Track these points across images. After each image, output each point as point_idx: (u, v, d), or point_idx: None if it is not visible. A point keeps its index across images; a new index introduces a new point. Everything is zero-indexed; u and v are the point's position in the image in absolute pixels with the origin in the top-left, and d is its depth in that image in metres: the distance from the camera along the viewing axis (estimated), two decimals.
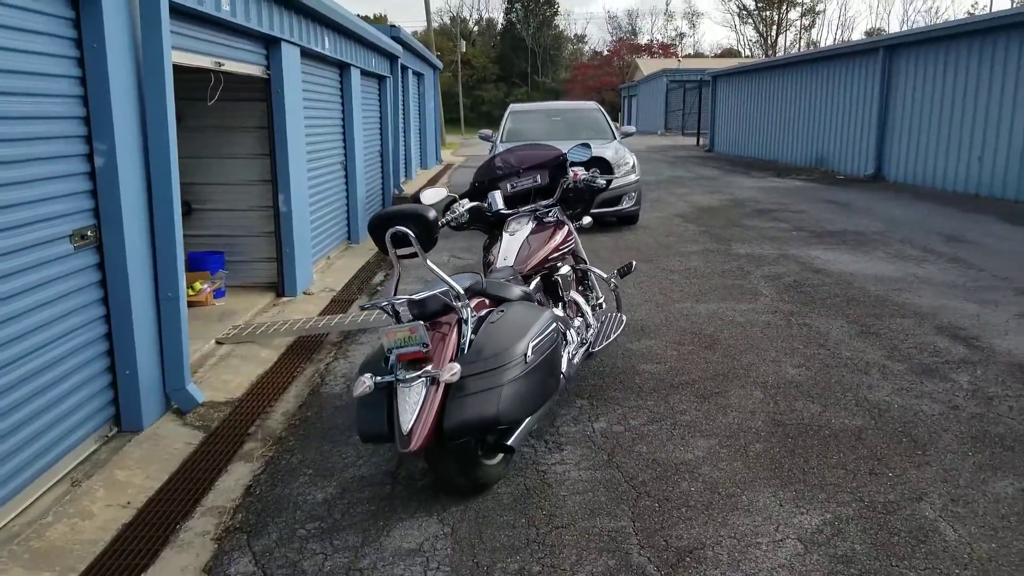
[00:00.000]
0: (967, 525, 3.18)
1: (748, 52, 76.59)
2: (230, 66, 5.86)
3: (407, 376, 3.14)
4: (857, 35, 73.21)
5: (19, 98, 3.41)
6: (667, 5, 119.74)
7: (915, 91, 16.25)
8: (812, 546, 3.05)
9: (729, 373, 4.96)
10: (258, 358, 5.63)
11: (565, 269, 4.66)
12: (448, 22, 77.61)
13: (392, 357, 3.21)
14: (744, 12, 79.49)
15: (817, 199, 13.96)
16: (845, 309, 6.40)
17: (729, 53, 74.69)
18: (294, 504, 3.51)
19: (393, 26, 15.79)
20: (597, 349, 4.61)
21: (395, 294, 3.38)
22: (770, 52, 73.10)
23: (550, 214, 4.73)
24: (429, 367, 3.17)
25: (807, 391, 4.64)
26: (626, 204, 10.48)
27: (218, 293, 6.88)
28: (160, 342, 4.45)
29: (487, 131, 12.60)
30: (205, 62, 5.39)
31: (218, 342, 5.81)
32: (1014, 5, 36.79)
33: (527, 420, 3.45)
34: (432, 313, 3.40)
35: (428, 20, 41.37)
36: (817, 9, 78.89)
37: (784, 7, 78.26)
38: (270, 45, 6.75)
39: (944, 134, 15.13)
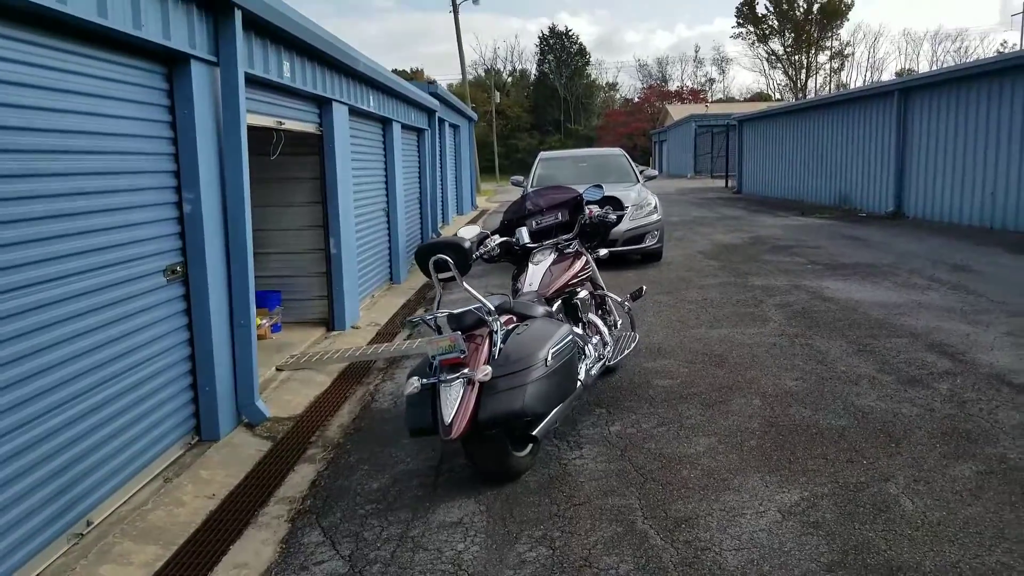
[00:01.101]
0: (924, 499, 3.74)
1: (778, 96, 77.35)
2: (289, 124, 6.68)
3: (448, 377, 3.81)
4: (887, 76, 73.79)
5: (124, 156, 4.18)
6: (696, 52, 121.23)
7: (930, 131, 16.79)
8: (789, 516, 3.63)
9: (733, 386, 5.55)
10: (314, 382, 6.33)
11: (583, 293, 5.33)
12: (483, 74, 79.53)
13: (435, 363, 3.88)
14: (773, 57, 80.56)
15: (836, 235, 14.49)
16: (846, 331, 6.95)
17: (759, 97, 75.55)
18: (353, 492, 4.17)
19: (431, 83, 16.76)
20: (613, 363, 5.26)
21: (437, 311, 4.06)
22: (800, 95, 73.83)
23: (570, 247, 5.41)
24: (466, 370, 3.83)
25: (801, 399, 5.21)
26: (649, 242, 11.14)
27: (275, 328, 7.62)
28: (233, 363, 5.17)
29: (519, 177, 13.39)
30: (269, 122, 6.20)
31: (278, 369, 6.52)
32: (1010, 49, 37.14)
33: (549, 415, 4.08)
34: (468, 326, 4.07)
35: (463, 74, 42.80)
36: (845, 52, 79.85)
37: (812, 51, 79.22)
38: (322, 105, 7.58)
39: (959, 171, 15.62)
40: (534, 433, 4.01)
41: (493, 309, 4.12)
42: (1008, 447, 4.31)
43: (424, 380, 3.85)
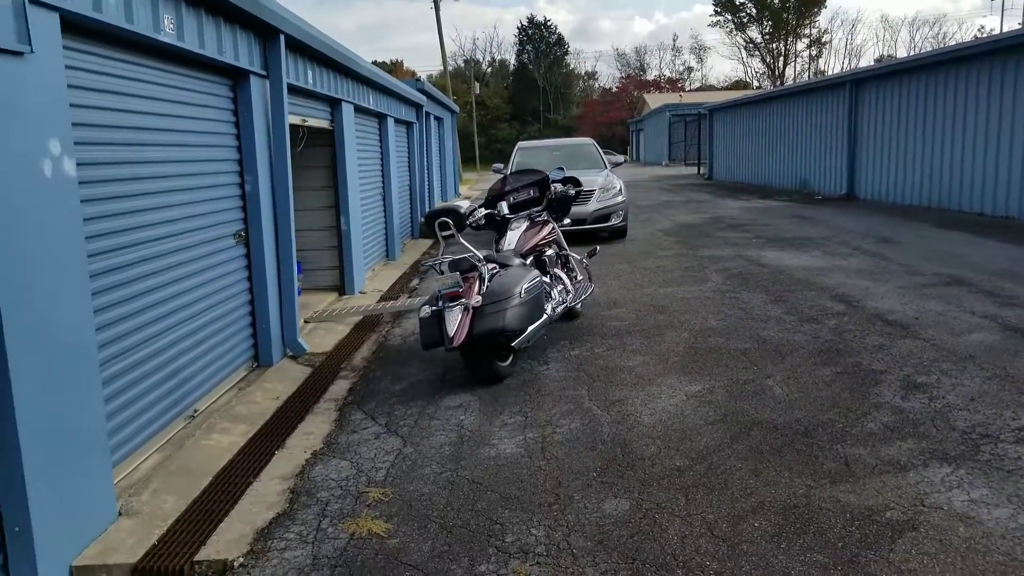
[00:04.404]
0: (790, 387, 5.29)
1: (757, 83, 78.96)
2: (311, 122, 8.15)
3: (450, 305, 5.33)
4: (865, 62, 75.49)
5: (207, 148, 5.64)
6: (674, 41, 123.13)
7: (877, 119, 18.44)
8: (691, 397, 5.18)
9: (669, 325, 7.10)
10: (336, 330, 7.82)
11: (550, 252, 6.87)
12: (462, 65, 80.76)
13: (441, 295, 5.40)
14: (751, 45, 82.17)
15: (787, 215, 16.10)
16: (769, 288, 8.52)
17: (738, 85, 77.14)
18: (381, 392, 5.69)
19: (418, 79, 18.20)
20: (575, 305, 6.80)
21: (440, 257, 5.56)
22: (778, 83, 75.41)
23: (540, 216, 6.93)
24: (463, 299, 5.35)
25: (719, 332, 6.77)
26: (615, 221, 12.70)
27: (297, 292, 9.08)
28: (280, 308, 6.65)
29: (499, 164, 14.86)
30: (297, 120, 7.67)
31: (306, 321, 8.01)
32: (997, 32, 38.86)
33: (524, 333, 5.59)
34: (464, 269, 5.60)
35: (444, 66, 44.21)
36: (823, 40, 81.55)
37: (791, 38, 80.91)
38: (334, 104, 9.04)
39: (902, 156, 17.27)
40: (513, 344, 5.53)
41: (482, 257, 5.64)
42: (864, 358, 5.87)
43: (433, 307, 5.38)
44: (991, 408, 4.69)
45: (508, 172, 13.62)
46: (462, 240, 5.66)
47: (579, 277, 7.32)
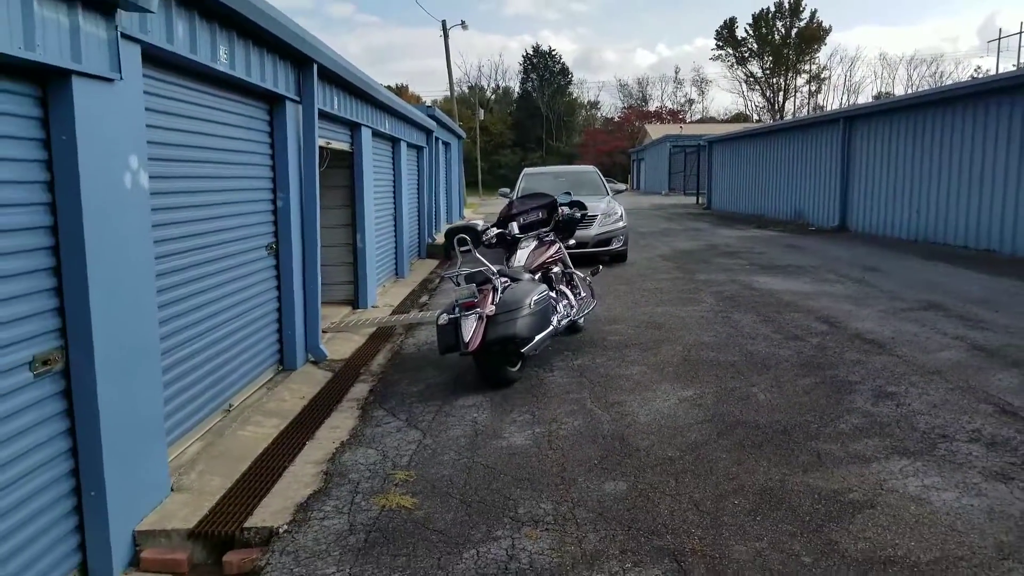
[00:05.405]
0: (773, 394, 5.82)
1: (757, 117, 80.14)
2: (334, 144, 8.73)
3: (466, 313, 5.87)
4: (864, 99, 76.63)
5: (246, 167, 6.20)
6: (676, 73, 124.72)
7: (868, 155, 19.10)
8: (683, 400, 5.70)
9: (665, 340, 7.64)
10: (352, 340, 8.35)
11: (557, 269, 7.42)
12: (467, 91, 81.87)
13: (457, 304, 5.94)
14: (751, 79, 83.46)
15: (780, 244, 16.70)
16: (759, 309, 9.07)
17: (738, 118, 78.27)
18: (400, 393, 6.20)
19: (429, 106, 18.89)
20: (578, 319, 7.34)
21: (458, 270, 6.11)
22: (777, 116, 76.57)
23: (547, 237, 7.49)
24: (478, 308, 5.89)
25: (711, 347, 7.30)
26: (615, 245, 13.28)
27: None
28: (305, 316, 7.18)
29: (506, 189, 15.51)
30: (322, 143, 8.24)
31: (323, 331, 8.53)
32: (993, 73, 39.82)
33: (533, 340, 6.12)
34: (479, 281, 6.14)
35: (452, 93, 45.02)
36: (822, 76, 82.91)
37: (790, 74, 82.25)
38: (353, 128, 9.64)
39: (890, 191, 17.91)
40: (523, 351, 6.06)
41: (495, 271, 6.19)
42: (841, 371, 6.40)
43: (450, 315, 5.92)
44: (951, 414, 5.22)
45: (514, 196, 14.34)
46: (478, 255, 6.24)
47: (582, 293, 7.86)
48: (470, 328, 5.82)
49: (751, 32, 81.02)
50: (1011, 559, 3.37)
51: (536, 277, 7.04)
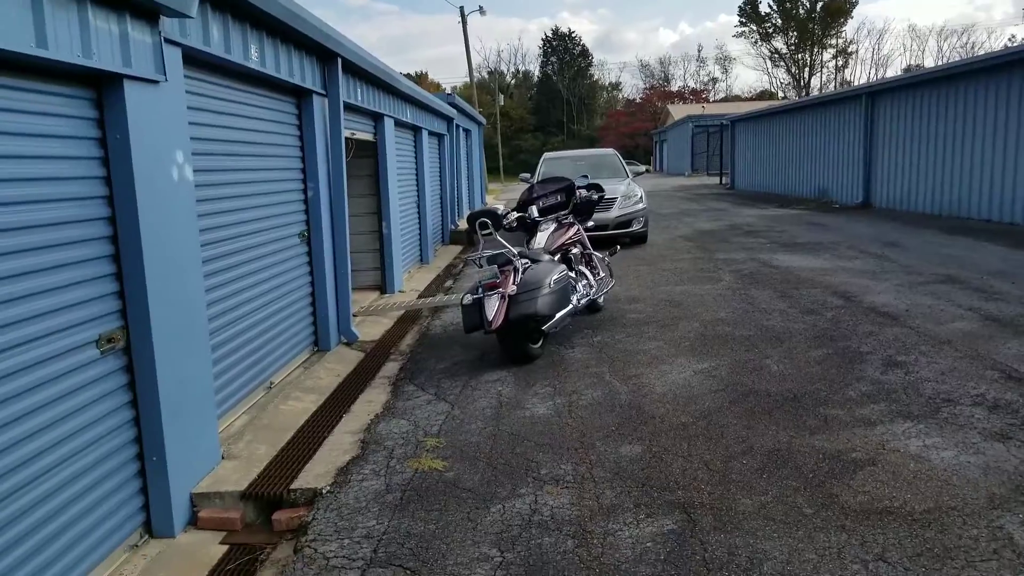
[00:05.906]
0: (786, 365, 6.07)
1: (782, 94, 79.32)
2: (358, 135, 9.05)
3: (489, 293, 6.17)
4: (892, 72, 75.54)
5: (277, 159, 6.53)
6: (699, 52, 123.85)
7: (892, 130, 19.12)
8: (698, 372, 5.97)
9: (683, 316, 7.89)
10: (381, 323, 8.68)
11: (576, 250, 7.70)
12: (486, 76, 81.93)
13: (480, 285, 6.24)
14: (776, 55, 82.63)
15: (802, 223, 16.82)
16: (777, 286, 9.28)
17: (763, 95, 77.55)
18: (428, 370, 6.53)
19: (449, 94, 19.14)
20: (598, 298, 7.62)
21: (481, 253, 6.41)
22: (803, 93, 75.78)
23: (566, 219, 7.77)
24: (500, 288, 6.19)
25: (727, 322, 7.55)
26: (636, 227, 13.51)
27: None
28: (336, 300, 7.52)
29: (526, 174, 15.75)
30: (347, 133, 8.55)
31: (353, 315, 8.87)
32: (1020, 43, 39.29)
33: (553, 318, 6.42)
34: (501, 263, 6.44)
35: (471, 79, 45.20)
36: (849, 50, 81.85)
37: (816, 49, 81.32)
38: (377, 119, 9.95)
39: (914, 165, 17.94)
40: (543, 328, 6.36)
41: (516, 253, 6.48)
42: (854, 342, 6.63)
43: (474, 296, 6.22)
44: (957, 380, 5.45)
45: (535, 181, 14.59)
46: (499, 238, 6.53)
47: (601, 274, 8.13)
48: (493, 307, 6.12)
49: (775, 7, 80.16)
50: (1000, 508, 3.63)
51: (556, 258, 7.32)
